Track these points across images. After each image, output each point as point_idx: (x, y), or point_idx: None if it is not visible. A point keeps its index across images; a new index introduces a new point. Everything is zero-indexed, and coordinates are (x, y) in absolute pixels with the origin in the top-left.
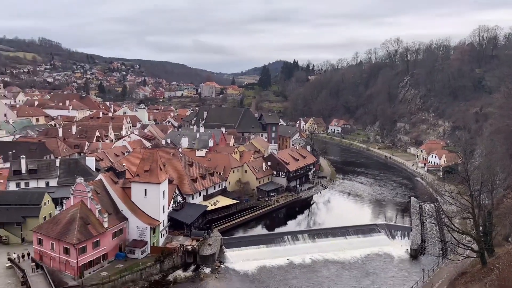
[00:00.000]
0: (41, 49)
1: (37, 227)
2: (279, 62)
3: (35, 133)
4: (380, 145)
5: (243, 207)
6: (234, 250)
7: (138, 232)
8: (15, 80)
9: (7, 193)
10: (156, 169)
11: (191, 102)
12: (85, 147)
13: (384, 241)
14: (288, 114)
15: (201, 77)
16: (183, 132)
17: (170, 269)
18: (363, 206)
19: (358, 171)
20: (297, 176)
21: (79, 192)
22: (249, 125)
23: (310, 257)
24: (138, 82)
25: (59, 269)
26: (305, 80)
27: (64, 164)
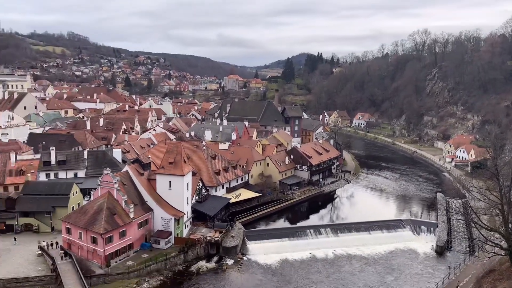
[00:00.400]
0: (70, 43)
1: (66, 217)
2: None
3: (64, 125)
4: (406, 139)
5: (265, 200)
6: (257, 242)
7: (163, 223)
8: (45, 73)
9: (37, 183)
10: (180, 162)
11: (215, 95)
12: (112, 139)
13: (409, 236)
14: (312, 108)
15: (224, 71)
16: (207, 125)
17: (194, 260)
18: (388, 201)
19: (383, 165)
20: (320, 170)
21: (106, 183)
22: (272, 118)
23: (332, 251)
24: (163, 76)
25: (87, 258)
26: (329, 72)
27: (91, 156)
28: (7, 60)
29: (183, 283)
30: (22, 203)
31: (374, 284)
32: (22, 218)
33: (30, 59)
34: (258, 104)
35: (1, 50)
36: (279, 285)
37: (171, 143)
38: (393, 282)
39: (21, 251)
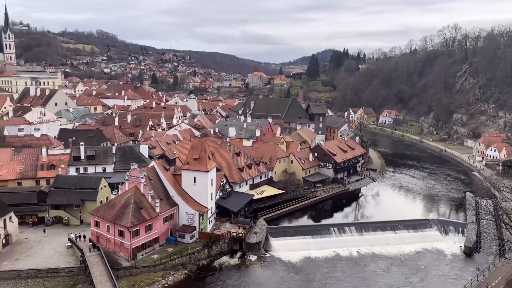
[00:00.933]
0: (99, 41)
1: (94, 210)
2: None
3: (93, 121)
4: (435, 137)
5: (288, 197)
6: (280, 239)
7: (188, 217)
8: (75, 71)
9: (67, 177)
10: (204, 158)
11: (239, 92)
12: (139, 135)
13: (436, 237)
14: (337, 105)
15: (249, 67)
16: (231, 122)
17: (217, 255)
18: (415, 200)
19: (410, 164)
20: (345, 167)
21: (133, 178)
22: (296, 115)
23: (357, 250)
24: (188, 73)
25: (114, 251)
26: (355, 69)
27: (119, 151)
28: (39, 57)
29: (206, 278)
30: (53, 196)
31: (400, 285)
32: (53, 211)
33: (61, 56)
34: (282, 101)
35: (34, 48)
36: (302, 283)
37: (196, 140)
38: (419, 283)
39: (52, 243)
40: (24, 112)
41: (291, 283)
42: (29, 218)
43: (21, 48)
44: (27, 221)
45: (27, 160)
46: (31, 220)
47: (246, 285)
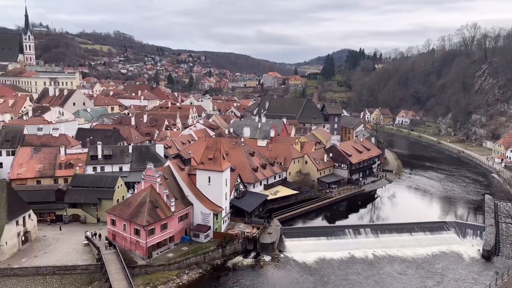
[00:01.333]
0: (116, 41)
1: (111, 209)
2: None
3: (110, 121)
4: (453, 138)
5: (303, 198)
6: (294, 240)
7: (202, 217)
8: (93, 71)
9: (85, 176)
10: (219, 158)
11: (254, 92)
12: (155, 135)
13: (454, 239)
14: (352, 105)
15: (263, 68)
16: (245, 122)
17: (232, 255)
18: (431, 202)
19: (427, 165)
20: (360, 168)
21: (149, 177)
22: (311, 115)
23: (372, 252)
24: (203, 73)
25: (130, 249)
26: (371, 69)
27: (136, 151)
28: (58, 58)
29: (221, 277)
30: (71, 195)
31: (423, 285)
32: (70, 209)
33: (79, 57)
34: (297, 101)
35: (53, 49)
36: (316, 284)
37: (211, 140)
38: (436, 286)
39: (69, 241)
40: (43, 112)
41: (305, 285)
42: (47, 216)
43: (40, 49)
44: (46, 219)
45: (45, 159)
46: (49, 218)
47: (260, 285)
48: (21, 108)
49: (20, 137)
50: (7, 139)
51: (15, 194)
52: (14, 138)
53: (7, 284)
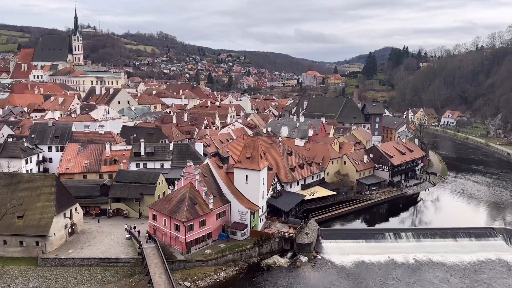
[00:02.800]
0: (159, 42)
1: (152, 204)
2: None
3: (152, 119)
4: (502, 140)
5: (341, 199)
6: (331, 241)
7: (239, 215)
8: (137, 71)
9: (128, 172)
10: (257, 157)
11: (292, 91)
12: (195, 133)
13: (501, 246)
14: (395, 104)
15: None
16: (283, 121)
17: (268, 253)
18: (478, 207)
19: (474, 169)
20: (402, 170)
21: (188, 174)
22: (351, 115)
23: (413, 257)
24: (242, 73)
25: (170, 244)
26: (415, 67)
27: (176, 148)
28: (104, 58)
29: (257, 276)
30: (115, 190)
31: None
32: (114, 204)
33: (124, 57)
34: (337, 101)
35: (100, 49)
36: (355, 286)
37: (249, 139)
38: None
39: (113, 234)
40: (90, 109)
41: (344, 286)
42: (92, 210)
43: (88, 49)
44: (91, 212)
45: (92, 155)
46: (94, 212)
47: (295, 286)
48: (69, 106)
49: (69, 133)
50: (56, 135)
51: (63, 188)
52: (63, 134)
53: (54, 273)
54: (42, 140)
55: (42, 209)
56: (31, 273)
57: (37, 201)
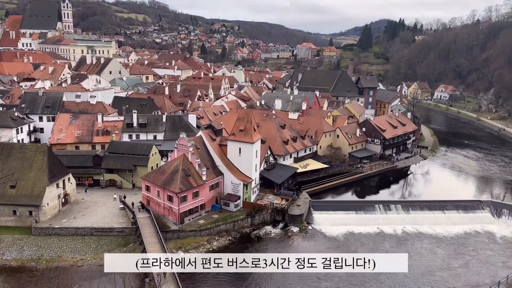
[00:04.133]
0: (151, 10)
1: (145, 175)
2: (382, 21)
3: (145, 90)
4: (493, 115)
5: (333, 172)
6: (322, 213)
7: (232, 187)
8: (128, 40)
9: (121, 143)
10: (250, 129)
11: (286, 64)
12: (188, 105)
13: (488, 219)
14: (389, 78)
15: (297, 38)
16: (277, 94)
17: (260, 224)
18: (467, 181)
19: (465, 143)
20: (394, 144)
21: (182, 146)
22: (345, 88)
23: (402, 228)
24: (236, 44)
25: (163, 214)
26: (411, 40)
27: (169, 120)
28: (94, 27)
29: (249, 245)
30: (108, 161)
31: (445, 266)
32: (107, 174)
33: (115, 26)
34: (331, 74)
35: (90, 17)
36: None
37: (242, 111)
38: (465, 265)
39: (106, 204)
40: (81, 79)
41: None
42: (85, 180)
43: (78, 17)
44: (84, 183)
45: (84, 126)
46: (87, 182)
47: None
48: (60, 76)
49: (60, 103)
50: (47, 105)
51: (55, 158)
52: (54, 104)
53: (48, 242)
54: (32, 110)
55: (35, 179)
56: (25, 241)
57: (29, 171)
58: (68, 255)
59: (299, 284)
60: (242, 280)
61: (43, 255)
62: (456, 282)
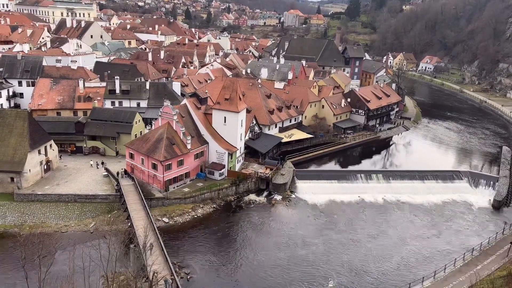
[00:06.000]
0: None
1: (129, 143)
2: None
3: (127, 55)
4: (476, 87)
5: (317, 142)
6: (306, 182)
7: (217, 156)
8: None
9: (103, 110)
10: (235, 98)
11: (273, 31)
12: (172, 72)
13: (466, 189)
14: (375, 48)
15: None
16: (263, 63)
17: (244, 193)
18: (447, 152)
19: (448, 115)
20: (378, 115)
21: (166, 114)
22: (331, 58)
23: (382, 197)
24: (222, 9)
25: (148, 182)
26: (398, 10)
27: (153, 87)
28: None
29: (234, 212)
30: (90, 127)
31: (424, 233)
32: (90, 141)
33: None
34: (318, 43)
35: None
36: (325, 223)
37: (228, 80)
38: (444, 231)
39: (90, 171)
40: (61, 43)
41: (315, 223)
42: (67, 147)
43: None
44: (66, 149)
45: (65, 91)
46: (70, 149)
47: (270, 221)
48: (39, 39)
49: (39, 68)
50: (26, 69)
51: (36, 124)
52: (34, 69)
53: (31, 208)
54: (11, 74)
55: (15, 145)
56: (7, 208)
57: (10, 137)
58: (52, 221)
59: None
60: (227, 247)
61: (26, 221)
62: (425, 250)
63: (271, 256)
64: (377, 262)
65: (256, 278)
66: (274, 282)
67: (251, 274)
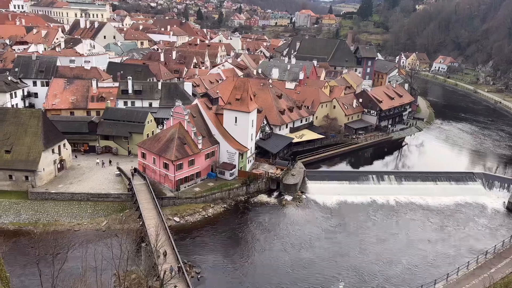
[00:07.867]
0: None
1: (141, 143)
2: None
3: (140, 56)
4: (491, 87)
5: (328, 142)
6: (316, 182)
7: (228, 156)
8: (123, 4)
9: (116, 110)
10: (246, 99)
11: (285, 31)
12: (184, 73)
13: (479, 190)
14: (388, 48)
15: (296, 5)
16: (274, 63)
17: (255, 193)
18: (460, 154)
19: (461, 116)
20: (390, 115)
21: (177, 114)
22: (343, 58)
23: (394, 198)
24: (234, 9)
25: (159, 181)
26: (411, 10)
27: (165, 87)
28: None
29: (244, 212)
30: (103, 127)
31: (436, 235)
32: (103, 141)
33: None
34: (329, 43)
35: None
36: (336, 224)
37: (239, 80)
38: (456, 234)
39: (102, 170)
40: (75, 44)
41: (325, 224)
42: (81, 146)
43: None
44: (79, 149)
45: (78, 91)
46: (83, 148)
47: (280, 222)
48: (53, 39)
49: (54, 68)
50: (41, 69)
51: (50, 124)
52: (48, 69)
53: (45, 206)
54: (26, 74)
55: (30, 144)
56: (21, 206)
57: (24, 136)
58: (65, 220)
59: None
60: (237, 248)
61: (40, 219)
62: (437, 253)
63: (279, 257)
64: (387, 264)
65: (265, 279)
66: (283, 284)
67: (260, 274)
